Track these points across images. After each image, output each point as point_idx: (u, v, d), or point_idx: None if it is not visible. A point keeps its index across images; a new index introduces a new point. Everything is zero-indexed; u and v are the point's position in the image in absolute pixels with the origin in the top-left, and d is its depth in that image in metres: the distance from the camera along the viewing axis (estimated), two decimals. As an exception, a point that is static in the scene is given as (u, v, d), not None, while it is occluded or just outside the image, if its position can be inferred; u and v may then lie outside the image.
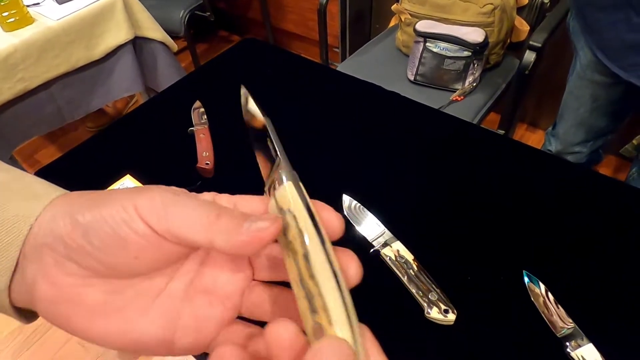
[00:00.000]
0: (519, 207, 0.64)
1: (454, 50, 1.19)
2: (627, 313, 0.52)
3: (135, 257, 0.20)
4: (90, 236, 0.19)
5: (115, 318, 0.20)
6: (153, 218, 0.19)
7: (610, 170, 1.62)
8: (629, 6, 0.79)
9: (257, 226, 0.19)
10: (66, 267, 0.19)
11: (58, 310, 0.20)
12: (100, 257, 0.19)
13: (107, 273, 0.20)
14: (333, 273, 0.19)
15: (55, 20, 1.15)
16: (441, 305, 0.52)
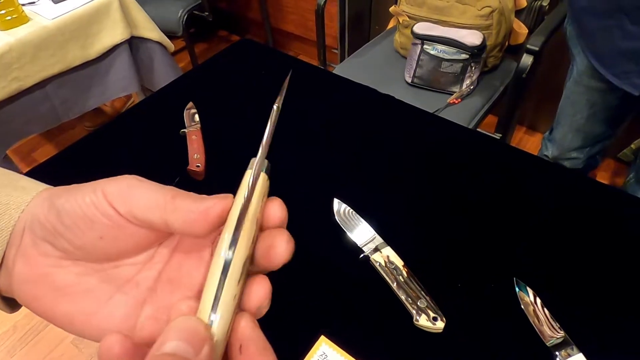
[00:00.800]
0: (511, 213, 0.64)
1: (451, 53, 1.18)
2: (618, 323, 0.52)
3: (100, 237, 0.21)
4: (62, 216, 0.21)
5: (81, 300, 0.21)
6: (118, 201, 0.20)
7: (608, 174, 1.61)
8: (623, 14, 0.79)
9: (205, 204, 0.20)
10: (41, 247, 0.21)
11: (28, 289, 0.21)
12: (70, 237, 0.21)
13: (78, 255, 0.21)
14: (225, 261, 0.20)
15: (50, 20, 1.14)
16: (430, 313, 0.52)
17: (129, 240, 0.21)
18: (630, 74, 0.85)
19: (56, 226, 0.21)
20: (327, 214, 0.64)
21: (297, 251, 0.66)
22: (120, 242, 0.21)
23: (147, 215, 0.20)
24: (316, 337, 0.52)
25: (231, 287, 0.19)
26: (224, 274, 0.19)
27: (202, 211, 0.20)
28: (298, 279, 0.58)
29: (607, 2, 0.81)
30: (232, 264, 0.20)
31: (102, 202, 0.20)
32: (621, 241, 0.59)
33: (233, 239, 0.20)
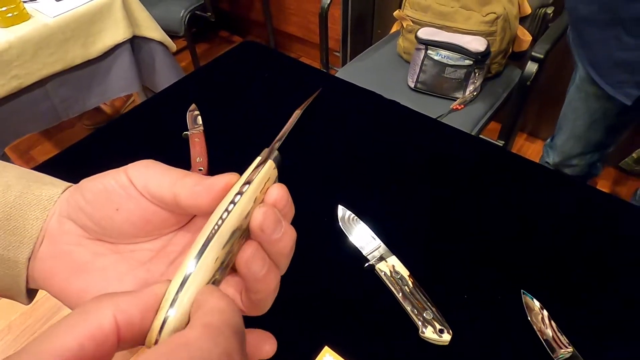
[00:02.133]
0: (517, 223, 0.63)
1: (455, 59, 1.18)
2: (627, 338, 0.51)
3: (116, 209, 0.22)
4: (85, 192, 0.23)
5: (95, 278, 0.22)
6: (135, 176, 0.22)
7: (610, 183, 1.61)
8: (620, 25, 0.80)
9: (211, 179, 0.22)
10: (64, 225, 0.23)
11: (48, 266, 0.23)
12: (90, 210, 0.22)
13: (97, 232, 0.23)
14: (215, 226, 0.20)
15: (52, 17, 1.13)
16: (436, 325, 0.51)
17: (143, 216, 0.22)
18: (624, 84, 0.85)
19: (79, 202, 0.23)
20: (331, 220, 0.63)
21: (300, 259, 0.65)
22: (134, 216, 0.22)
23: (159, 190, 0.22)
24: (320, 348, 0.51)
25: (214, 249, 0.19)
26: (210, 237, 0.20)
27: (206, 184, 0.22)
28: (301, 288, 0.57)
29: (604, 13, 0.82)
30: (221, 228, 0.20)
31: (122, 176, 0.22)
32: (628, 253, 0.59)
33: (227, 208, 0.20)
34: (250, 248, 0.20)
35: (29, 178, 0.24)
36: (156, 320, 0.18)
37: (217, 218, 0.20)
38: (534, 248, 0.60)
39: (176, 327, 0.18)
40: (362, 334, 0.52)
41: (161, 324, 0.18)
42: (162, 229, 0.24)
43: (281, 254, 0.22)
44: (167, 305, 0.18)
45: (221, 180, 0.22)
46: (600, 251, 0.59)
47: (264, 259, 0.21)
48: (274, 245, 0.21)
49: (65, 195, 0.24)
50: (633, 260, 0.58)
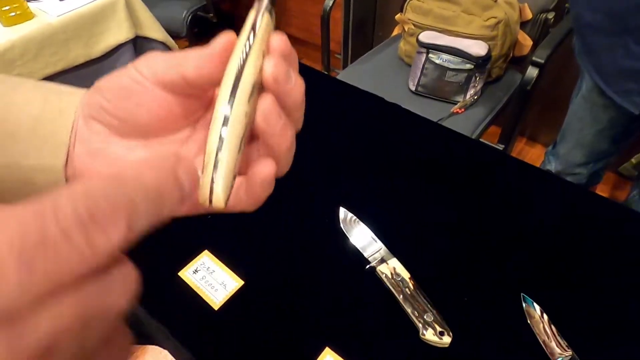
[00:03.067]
0: (519, 227, 0.64)
1: (456, 63, 1.18)
2: (627, 342, 0.51)
3: (137, 104, 0.22)
4: (104, 92, 0.23)
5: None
6: (143, 68, 0.22)
7: (609, 188, 1.62)
8: (628, 33, 0.79)
9: (211, 45, 0.22)
10: (92, 126, 0.23)
11: (83, 166, 0.23)
12: (112, 109, 0.23)
13: (124, 129, 0.23)
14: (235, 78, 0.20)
15: (55, 17, 1.13)
16: (437, 327, 0.51)
17: (163, 106, 0.23)
18: (632, 93, 0.85)
19: (101, 102, 0.23)
20: (333, 223, 0.63)
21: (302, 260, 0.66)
22: (155, 109, 0.23)
23: (168, 75, 0.22)
24: (321, 350, 0.51)
25: (241, 103, 0.20)
26: (233, 92, 0.20)
27: (207, 52, 0.21)
28: (303, 289, 0.58)
29: (611, 21, 0.82)
30: (241, 83, 0.20)
31: (132, 71, 0.22)
32: (628, 257, 0.59)
33: (239, 64, 0.20)
34: (266, 102, 0.21)
35: (46, 90, 0.25)
36: (205, 177, 0.19)
37: (233, 76, 0.20)
38: (534, 251, 0.60)
39: (226, 185, 0.19)
40: (362, 336, 0.53)
41: (210, 182, 0.19)
42: (186, 118, 0.24)
43: (295, 105, 0.22)
44: (210, 165, 0.19)
45: (220, 42, 0.21)
46: (600, 254, 0.60)
47: (280, 113, 0.21)
48: (288, 96, 0.21)
49: (85, 99, 0.24)
50: (632, 264, 0.58)
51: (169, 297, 0.57)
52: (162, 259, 0.60)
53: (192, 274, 0.58)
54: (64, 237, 0.12)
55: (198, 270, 0.59)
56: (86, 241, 0.12)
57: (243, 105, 0.20)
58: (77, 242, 0.12)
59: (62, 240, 0.12)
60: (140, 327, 0.71)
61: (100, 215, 0.12)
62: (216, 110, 0.20)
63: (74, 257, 0.12)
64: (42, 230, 0.11)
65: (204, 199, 0.19)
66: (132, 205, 0.14)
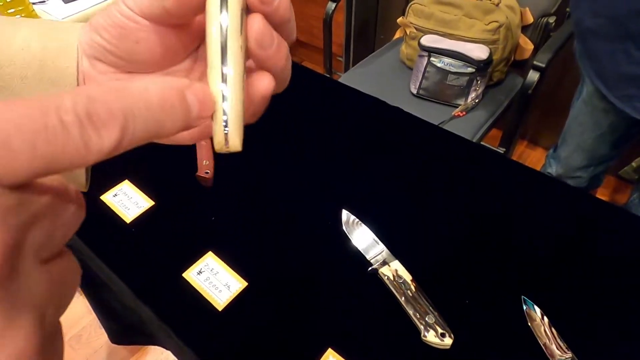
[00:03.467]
0: (519, 230, 0.64)
1: (457, 66, 1.19)
2: (626, 344, 0.52)
3: (136, 42, 0.22)
4: (100, 32, 0.22)
5: None
6: (131, 1, 0.21)
7: (609, 191, 1.62)
8: (629, 39, 0.79)
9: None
10: (96, 66, 0.23)
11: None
12: (112, 49, 0.23)
13: (129, 66, 0.23)
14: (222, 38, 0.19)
15: (60, 20, 1.14)
16: (438, 329, 0.52)
17: (161, 41, 0.22)
18: (633, 98, 0.85)
19: (99, 42, 0.23)
20: (335, 225, 0.64)
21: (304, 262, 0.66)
22: (154, 44, 0.22)
23: (151, 7, 0.21)
24: (323, 351, 0.52)
25: (234, 40, 0.19)
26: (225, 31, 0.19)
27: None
28: (305, 291, 0.58)
29: (613, 26, 0.82)
30: (230, 14, 0.19)
31: (122, 7, 0.22)
32: (627, 261, 0.60)
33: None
34: (257, 25, 0.20)
35: (42, 29, 0.24)
36: (216, 125, 0.19)
37: (217, 5, 0.19)
38: (535, 254, 0.61)
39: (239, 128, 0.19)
40: (364, 337, 0.53)
41: (223, 124, 0.19)
42: (185, 48, 0.24)
43: (284, 18, 0.21)
44: (220, 112, 0.19)
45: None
46: (600, 257, 0.60)
47: (272, 32, 0.20)
48: (276, 12, 0.20)
49: (84, 38, 0.24)
50: (632, 266, 0.59)
51: (173, 298, 0.57)
52: (166, 260, 0.61)
53: (196, 275, 0.59)
54: (63, 129, 0.13)
55: (202, 271, 0.59)
56: (81, 137, 0.13)
57: (237, 40, 0.19)
58: (73, 136, 0.13)
59: (61, 132, 0.13)
60: (143, 327, 0.72)
61: (96, 118, 0.13)
62: (210, 46, 0.19)
63: (70, 149, 0.13)
64: (45, 120, 0.12)
65: (220, 147, 0.19)
66: (129, 114, 0.14)
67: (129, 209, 0.66)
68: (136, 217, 0.66)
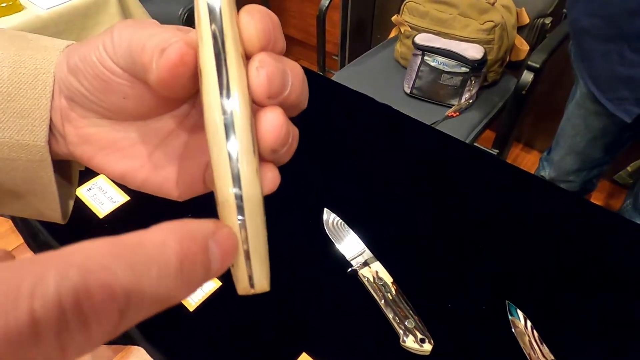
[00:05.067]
0: (507, 233, 0.62)
1: (451, 66, 1.17)
2: (609, 350, 0.50)
3: (123, 98, 0.19)
4: (80, 78, 0.19)
5: (126, 157, 0.21)
6: (112, 51, 0.18)
7: (604, 196, 1.60)
8: (623, 40, 0.78)
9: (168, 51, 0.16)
10: (76, 109, 0.20)
11: (82, 151, 0.21)
12: (95, 99, 0.19)
13: (114, 115, 0.20)
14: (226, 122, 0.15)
15: (45, 9, 1.12)
16: (417, 334, 0.49)
17: (151, 96, 0.19)
18: (625, 101, 0.84)
19: (79, 89, 0.19)
20: (317, 224, 0.62)
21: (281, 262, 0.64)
22: (146, 100, 0.19)
23: (132, 69, 0.18)
24: (297, 355, 0.49)
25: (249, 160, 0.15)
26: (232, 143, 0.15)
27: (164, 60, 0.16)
28: (280, 292, 0.56)
29: (607, 27, 0.81)
30: (237, 125, 0.15)
31: (104, 57, 0.18)
32: (616, 267, 0.58)
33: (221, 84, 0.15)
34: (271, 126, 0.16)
35: (15, 46, 0.21)
36: (238, 270, 0.16)
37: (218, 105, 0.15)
38: (522, 259, 0.59)
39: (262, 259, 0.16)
40: (341, 341, 0.51)
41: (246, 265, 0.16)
42: (179, 100, 0.21)
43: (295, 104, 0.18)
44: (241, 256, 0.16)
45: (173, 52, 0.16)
46: (591, 263, 0.58)
47: (288, 130, 0.17)
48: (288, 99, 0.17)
49: (61, 74, 0.20)
50: (623, 272, 0.57)
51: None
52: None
53: (168, 274, 0.56)
54: (33, 334, 0.09)
55: (175, 269, 0.57)
56: (57, 339, 0.09)
57: (251, 162, 0.15)
58: (44, 340, 0.09)
59: (28, 338, 0.09)
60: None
61: (87, 306, 0.10)
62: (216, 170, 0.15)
63: (35, 356, 0.09)
64: (8, 317, 0.09)
65: (245, 291, 0.16)
66: (135, 291, 0.11)
67: (102, 204, 0.64)
68: (110, 212, 0.63)
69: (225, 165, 0.15)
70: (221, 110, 0.15)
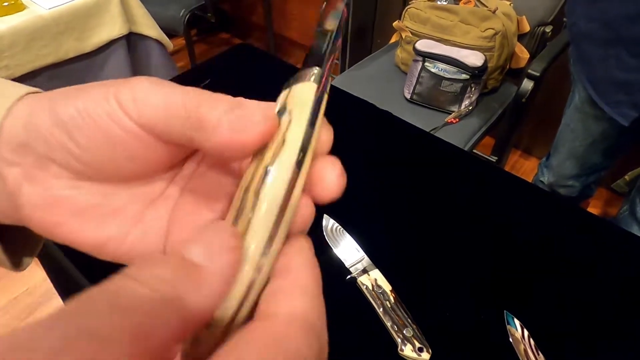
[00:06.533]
0: (506, 242, 0.62)
1: (452, 72, 1.17)
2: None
3: (128, 159, 0.17)
4: (72, 132, 0.16)
5: (110, 223, 0.18)
6: (134, 110, 0.16)
7: (601, 203, 1.61)
8: (622, 45, 0.79)
9: (243, 121, 0.15)
10: (50, 168, 0.17)
11: (46, 216, 0.18)
12: (85, 157, 0.17)
13: (97, 176, 0.18)
14: (281, 202, 0.15)
15: (47, 9, 1.12)
16: (416, 343, 0.49)
17: (158, 155, 0.18)
18: (622, 104, 0.85)
19: (66, 144, 0.17)
20: (315, 229, 0.62)
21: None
22: (149, 160, 0.18)
23: (168, 129, 0.16)
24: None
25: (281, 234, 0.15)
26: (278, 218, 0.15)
27: (236, 133, 0.15)
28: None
29: (605, 31, 0.81)
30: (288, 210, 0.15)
31: (117, 111, 0.16)
32: (612, 277, 0.58)
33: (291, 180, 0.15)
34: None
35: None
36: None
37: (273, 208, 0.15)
38: (520, 268, 0.59)
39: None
40: (338, 349, 0.51)
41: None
42: (179, 158, 0.20)
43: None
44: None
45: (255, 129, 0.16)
46: (586, 274, 0.58)
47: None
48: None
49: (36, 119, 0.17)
50: (618, 280, 0.57)
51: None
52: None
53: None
54: None
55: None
56: None
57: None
58: None
59: None
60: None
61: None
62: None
63: None
64: None
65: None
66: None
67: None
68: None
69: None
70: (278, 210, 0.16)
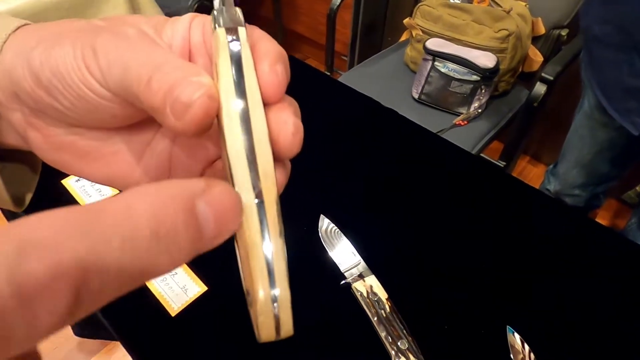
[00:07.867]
0: (508, 253, 0.59)
1: (462, 73, 1.14)
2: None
3: (112, 117, 0.17)
4: (56, 96, 0.16)
5: (113, 163, 0.19)
6: (102, 78, 0.16)
7: (610, 214, 1.57)
8: (634, 50, 0.76)
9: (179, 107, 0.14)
10: (45, 118, 0.18)
11: (55, 157, 0.19)
12: (70, 114, 0.17)
13: (88, 125, 0.18)
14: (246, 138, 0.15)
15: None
16: (411, 356, 0.47)
17: (139, 112, 0.17)
18: (632, 112, 0.82)
19: (54, 105, 0.17)
20: (312, 231, 0.59)
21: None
22: (132, 116, 0.18)
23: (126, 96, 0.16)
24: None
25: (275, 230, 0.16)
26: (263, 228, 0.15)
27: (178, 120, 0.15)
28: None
29: (619, 35, 0.79)
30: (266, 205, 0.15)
31: (91, 82, 0.16)
32: (620, 290, 0.54)
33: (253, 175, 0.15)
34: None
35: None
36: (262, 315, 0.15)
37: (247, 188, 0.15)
38: (523, 279, 0.56)
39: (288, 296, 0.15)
40: (328, 357, 0.48)
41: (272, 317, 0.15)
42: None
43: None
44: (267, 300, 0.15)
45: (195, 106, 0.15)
46: (591, 286, 0.55)
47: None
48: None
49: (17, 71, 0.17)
50: (623, 297, 0.54)
51: (122, 298, 0.52)
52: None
53: (152, 275, 0.54)
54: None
55: (160, 270, 0.54)
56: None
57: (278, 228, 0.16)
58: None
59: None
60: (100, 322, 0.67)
61: (29, 287, 0.08)
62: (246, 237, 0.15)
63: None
64: None
65: (269, 337, 0.15)
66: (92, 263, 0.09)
67: (90, 196, 0.62)
68: (97, 205, 0.61)
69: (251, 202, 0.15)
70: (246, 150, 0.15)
